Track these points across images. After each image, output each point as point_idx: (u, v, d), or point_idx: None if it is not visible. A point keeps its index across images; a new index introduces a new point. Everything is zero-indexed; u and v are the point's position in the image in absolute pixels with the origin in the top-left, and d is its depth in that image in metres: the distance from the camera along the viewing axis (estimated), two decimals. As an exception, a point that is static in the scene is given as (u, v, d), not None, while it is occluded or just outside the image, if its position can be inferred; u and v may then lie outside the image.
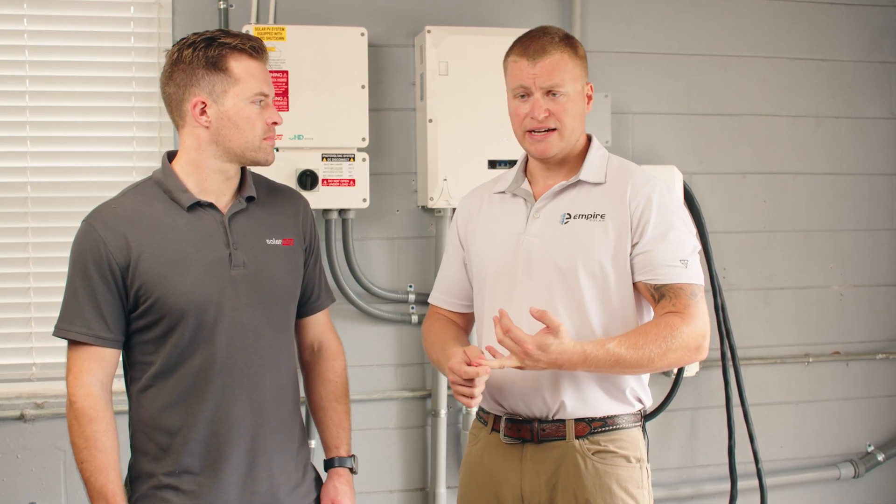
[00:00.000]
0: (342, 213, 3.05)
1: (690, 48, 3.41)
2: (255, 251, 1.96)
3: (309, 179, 2.90)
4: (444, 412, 3.15)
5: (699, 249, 2.03)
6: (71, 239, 1.93)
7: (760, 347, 3.50)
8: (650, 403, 2.10)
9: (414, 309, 3.17)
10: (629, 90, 3.35)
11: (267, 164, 1.99)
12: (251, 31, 2.85)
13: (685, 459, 3.46)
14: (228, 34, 1.94)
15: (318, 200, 2.92)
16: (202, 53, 1.90)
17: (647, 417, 2.10)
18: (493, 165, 3.00)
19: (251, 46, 1.93)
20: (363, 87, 2.95)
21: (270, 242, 1.99)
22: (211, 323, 1.89)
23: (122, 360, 1.98)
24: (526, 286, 2.01)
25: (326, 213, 3.04)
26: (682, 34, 3.41)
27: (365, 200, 2.98)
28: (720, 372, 3.31)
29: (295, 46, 2.89)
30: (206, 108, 1.91)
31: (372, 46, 3.06)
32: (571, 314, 1.98)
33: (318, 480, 2.10)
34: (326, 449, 2.12)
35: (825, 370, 3.57)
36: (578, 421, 2.00)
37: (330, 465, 2.11)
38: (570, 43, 2.02)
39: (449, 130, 3.00)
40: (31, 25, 2.96)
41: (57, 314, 1.92)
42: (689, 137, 3.42)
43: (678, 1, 3.40)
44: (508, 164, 2.97)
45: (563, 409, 1.99)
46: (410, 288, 3.18)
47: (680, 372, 3.22)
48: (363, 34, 2.96)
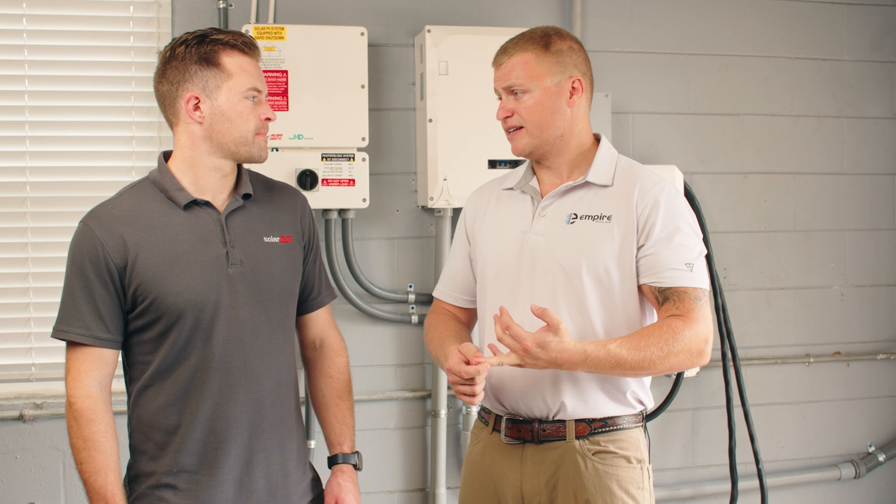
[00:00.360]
0: (342, 212, 3.05)
1: (691, 47, 3.40)
2: (252, 249, 1.96)
3: (309, 179, 2.90)
4: (444, 412, 3.14)
5: (705, 253, 2.02)
6: (70, 239, 1.92)
7: (761, 348, 3.50)
8: (651, 405, 2.09)
9: (414, 309, 3.16)
10: (630, 90, 3.34)
11: (261, 160, 1.98)
12: (251, 30, 2.85)
13: (686, 460, 3.45)
14: (220, 31, 1.95)
15: (317, 200, 2.91)
16: (194, 50, 1.90)
17: (647, 418, 2.09)
18: (493, 165, 3.00)
19: (243, 42, 1.94)
20: (363, 86, 2.95)
21: (268, 240, 1.99)
22: (208, 321, 1.89)
23: (121, 360, 1.97)
24: (529, 284, 2.01)
25: (326, 212, 3.03)
26: (682, 33, 3.40)
27: (365, 200, 2.98)
28: (721, 372, 3.30)
29: (294, 46, 2.88)
30: (199, 103, 1.91)
31: (372, 46, 3.05)
32: (574, 314, 1.97)
33: (316, 480, 2.10)
34: (330, 446, 2.12)
35: (826, 370, 3.57)
36: (579, 421, 1.99)
37: (333, 461, 2.10)
38: (543, 41, 2.00)
39: (449, 130, 3.00)
40: (30, 25, 2.95)
41: (56, 314, 1.92)
42: (689, 137, 3.41)
43: (679, 0, 3.39)
44: (508, 164, 2.97)
45: (563, 409, 1.99)
46: (410, 288, 3.18)
47: (681, 372, 3.22)
48: (363, 34, 2.95)
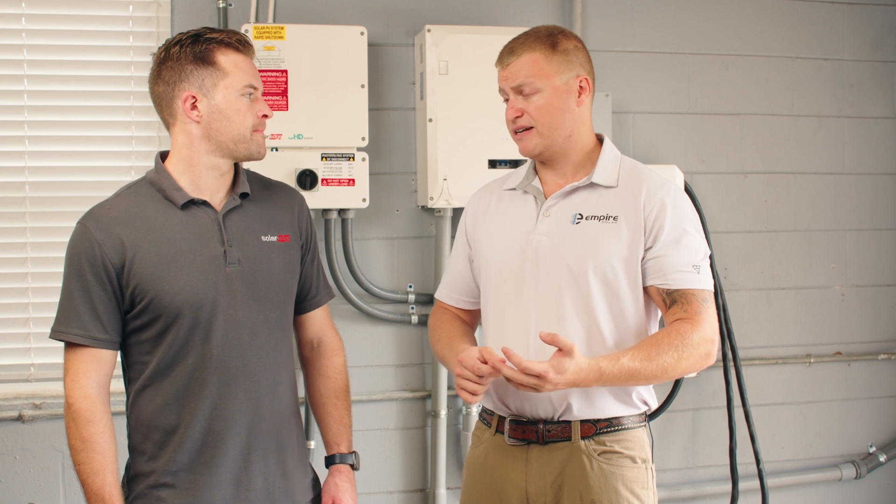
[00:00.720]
0: (342, 212, 3.04)
1: (692, 47, 3.40)
2: (249, 248, 1.96)
3: (308, 179, 2.89)
4: (444, 413, 3.13)
5: (709, 254, 2.03)
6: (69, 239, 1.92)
7: (762, 348, 3.49)
8: (655, 404, 2.09)
9: (414, 309, 3.15)
10: (630, 89, 3.34)
11: (259, 157, 1.98)
12: (250, 29, 2.85)
13: (686, 460, 3.45)
14: (213, 30, 1.95)
15: (317, 200, 2.91)
16: (189, 49, 1.90)
17: (649, 418, 2.09)
18: (493, 165, 2.99)
19: (237, 40, 1.94)
20: (363, 86, 2.94)
21: (266, 239, 1.99)
22: (206, 321, 1.89)
23: (120, 360, 1.97)
24: (533, 285, 2.00)
25: (326, 212, 3.03)
26: (683, 33, 3.39)
27: (364, 200, 2.97)
28: (721, 372, 3.30)
29: (294, 45, 2.88)
30: (196, 102, 1.91)
31: (371, 45, 3.05)
32: (581, 315, 1.96)
33: (315, 480, 2.09)
34: (327, 446, 2.11)
35: (827, 371, 3.56)
36: (584, 422, 1.99)
37: (331, 461, 2.10)
38: (549, 40, 2.00)
39: (449, 130, 2.99)
40: (29, 25, 2.95)
41: (55, 315, 1.92)
42: (690, 137, 3.41)
43: (679, 0, 3.39)
44: (509, 163, 2.96)
45: (569, 410, 1.99)
46: (410, 288, 3.17)
47: (681, 374, 3.21)
48: (363, 33, 2.95)
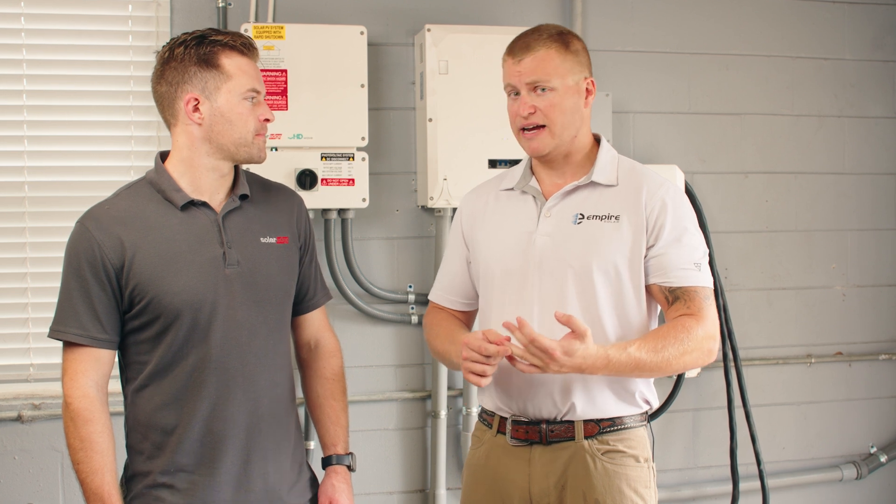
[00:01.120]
0: (341, 212, 3.04)
1: (692, 47, 3.39)
2: (249, 249, 1.96)
3: (308, 179, 2.88)
4: (444, 413, 3.13)
5: (707, 252, 2.03)
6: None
7: (762, 348, 3.49)
8: (656, 404, 2.09)
9: (414, 309, 3.15)
10: (630, 89, 3.33)
11: (260, 160, 1.99)
12: (250, 29, 2.84)
13: (687, 460, 3.44)
14: (219, 32, 1.94)
15: (317, 200, 2.90)
16: (193, 51, 1.90)
17: (649, 418, 2.09)
18: (493, 165, 2.99)
19: (242, 44, 1.94)
20: (362, 86, 2.94)
21: (265, 240, 1.99)
22: (205, 322, 1.89)
23: (117, 360, 1.97)
24: (537, 286, 1.99)
25: (326, 212, 3.02)
26: (683, 32, 3.39)
27: (364, 200, 2.96)
28: (722, 373, 3.29)
29: (294, 45, 2.87)
30: (198, 104, 1.91)
31: (371, 45, 3.04)
32: (584, 315, 1.96)
33: (313, 480, 2.10)
34: (324, 447, 2.12)
35: (828, 371, 3.56)
36: (587, 422, 1.99)
37: (328, 462, 2.10)
38: (561, 39, 2.00)
39: (449, 130, 2.98)
40: (28, 24, 2.94)
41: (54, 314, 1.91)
42: (690, 136, 3.40)
43: (680, -1, 3.39)
44: (509, 163, 2.96)
45: (572, 410, 1.98)
46: (410, 288, 3.17)
47: (682, 373, 3.20)
48: (363, 33, 2.94)
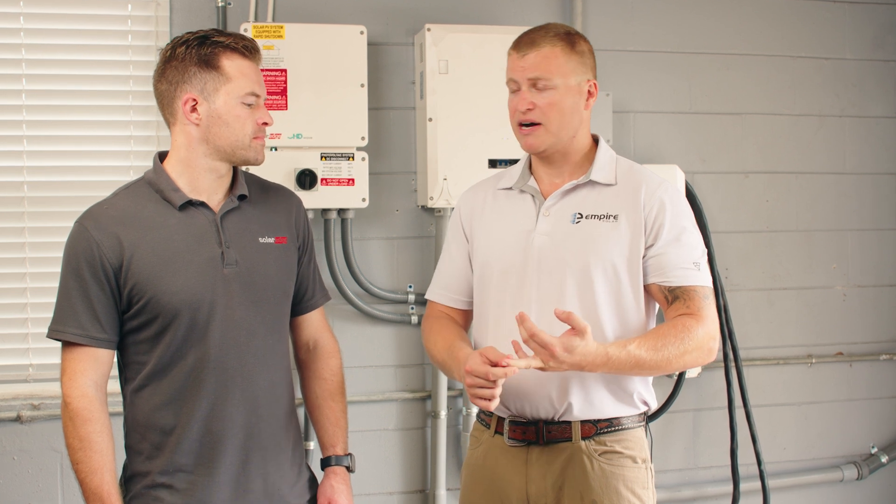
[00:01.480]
0: (341, 212, 3.03)
1: (692, 46, 3.39)
2: (247, 249, 1.96)
3: (308, 179, 2.88)
4: (444, 413, 3.12)
5: (706, 251, 2.03)
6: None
7: (763, 348, 3.48)
8: (655, 405, 2.09)
9: (414, 309, 3.14)
10: (631, 88, 3.33)
11: (257, 163, 1.99)
12: (249, 29, 2.84)
13: (687, 461, 3.44)
14: (222, 33, 1.95)
15: (316, 200, 2.90)
16: (195, 51, 1.90)
17: (649, 419, 2.09)
18: (493, 165, 2.98)
19: (244, 46, 1.94)
20: (362, 85, 2.93)
21: (263, 241, 1.99)
22: (204, 322, 1.90)
23: (116, 360, 1.97)
24: (535, 285, 1.99)
25: (325, 212, 3.02)
26: (684, 32, 3.38)
27: (364, 200, 2.96)
28: (722, 373, 3.29)
29: (294, 45, 2.87)
30: (196, 105, 1.91)
31: (371, 45, 3.04)
32: (583, 314, 1.94)
33: (312, 481, 2.10)
34: (323, 448, 2.12)
35: (828, 371, 3.55)
36: (584, 422, 1.99)
37: (326, 463, 2.10)
38: (568, 39, 2.00)
39: (449, 129, 2.98)
40: (27, 24, 2.94)
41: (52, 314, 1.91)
42: (691, 136, 3.40)
43: (680, -2, 3.39)
44: (509, 163, 2.95)
45: (569, 410, 1.98)
46: (410, 288, 3.16)
47: (682, 373, 3.20)
48: (362, 32, 2.94)
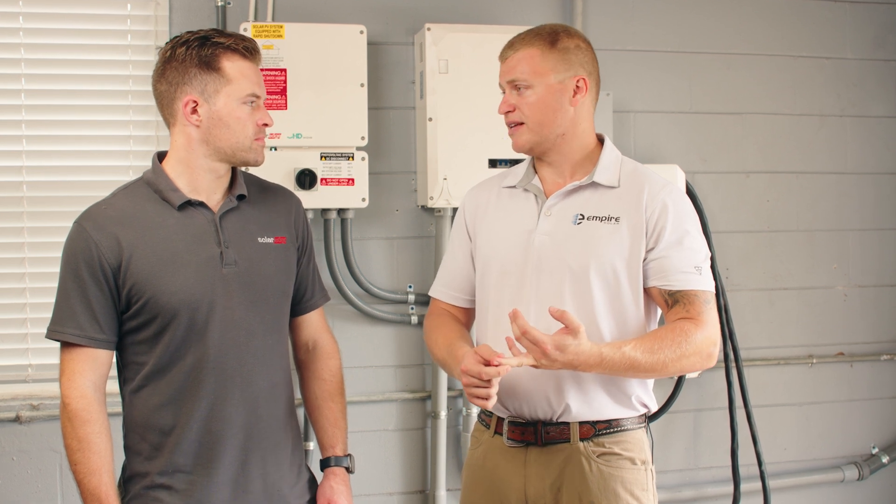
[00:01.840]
0: (341, 212, 3.03)
1: (693, 46, 3.38)
2: (246, 249, 1.96)
3: (307, 179, 2.87)
4: (444, 414, 3.12)
5: (710, 255, 2.02)
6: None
7: (764, 348, 3.48)
8: (654, 407, 2.08)
9: (414, 309, 3.14)
10: (631, 88, 3.32)
11: (257, 164, 1.99)
12: (249, 28, 2.83)
13: (688, 461, 3.43)
14: (222, 34, 1.94)
15: (316, 200, 2.89)
16: (195, 52, 1.90)
17: (650, 419, 2.08)
18: (493, 164, 2.98)
19: (245, 47, 1.93)
20: (362, 85, 2.93)
21: (262, 241, 1.99)
22: (203, 322, 1.89)
23: (115, 361, 1.97)
24: (534, 285, 1.99)
25: (325, 212, 3.01)
26: (684, 31, 3.38)
27: (364, 200, 2.95)
28: (723, 373, 3.28)
29: (293, 44, 2.86)
30: (197, 107, 1.91)
31: (371, 44, 3.03)
32: (581, 315, 1.94)
33: (312, 481, 2.10)
34: (322, 448, 2.12)
35: (829, 371, 3.55)
36: (583, 423, 1.98)
37: (326, 464, 2.10)
38: (549, 37, 1.99)
39: (449, 129, 2.97)
40: (26, 23, 2.93)
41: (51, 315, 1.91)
42: (691, 136, 3.39)
43: (680, -2, 3.38)
44: (509, 163, 2.94)
45: (567, 411, 1.97)
46: (410, 288, 3.16)
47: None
48: (362, 32, 2.93)
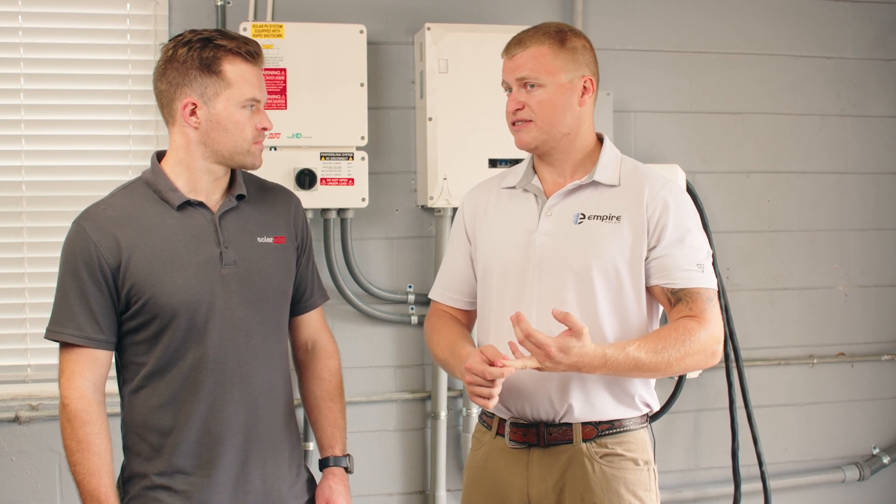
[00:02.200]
0: (341, 212, 3.02)
1: (693, 45, 3.38)
2: (245, 249, 1.96)
3: (307, 178, 2.87)
4: (444, 414, 3.11)
5: (712, 252, 2.01)
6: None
7: (764, 349, 3.47)
8: (657, 407, 2.07)
9: (413, 310, 3.13)
10: (631, 88, 3.32)
11: (254, 168, 1.99)
12: (249, 28, 2.83)
13: (688, 462, 3.43)
14: (226, 36, 1.92)
15: (316, 200, 2.89)
16: (197, 54, 1.88)
17: (650, 419, 2.07)
18: (493, 164, 2.97)
19: (247, 51, 1.92)
20: (362, 85, 2.93)
21: (261, 240, 1.99)
22: (202, 322, 1.89)
23: (114, 361, 1.97)
24: (536, 285, 1.98)
25: (325, 212, 3.01)
26: (684, 31, 3.37)
27: (364, 200, 2.95)
28: (724, 373, 3.28)
29: (293, 44, 2.86)
30: (196, 109, 1.90)
31: (371, 44, 3.03)
32: (583, 315, 1.93)
33: (311, 482, 2.10)
34: (321, 448, 2.11)
35: (830, 372, 3.54)
36: (585, 424, 1.97)
37: (325, 464, 2.09)
38: (558, 36, 1.99)
39: (449, 129, 2.97)
40: (25, 22, 2.93)
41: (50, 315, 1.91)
42: (692, 136, 3.39)
43: (681, -3, 3.38)
44: (509, 163, 2.94)
45: (570, 412, 1.97)
46: (410, 288, 3.15)
47: (684, 373, 3.19)
48: (362, 31, 2.93)
